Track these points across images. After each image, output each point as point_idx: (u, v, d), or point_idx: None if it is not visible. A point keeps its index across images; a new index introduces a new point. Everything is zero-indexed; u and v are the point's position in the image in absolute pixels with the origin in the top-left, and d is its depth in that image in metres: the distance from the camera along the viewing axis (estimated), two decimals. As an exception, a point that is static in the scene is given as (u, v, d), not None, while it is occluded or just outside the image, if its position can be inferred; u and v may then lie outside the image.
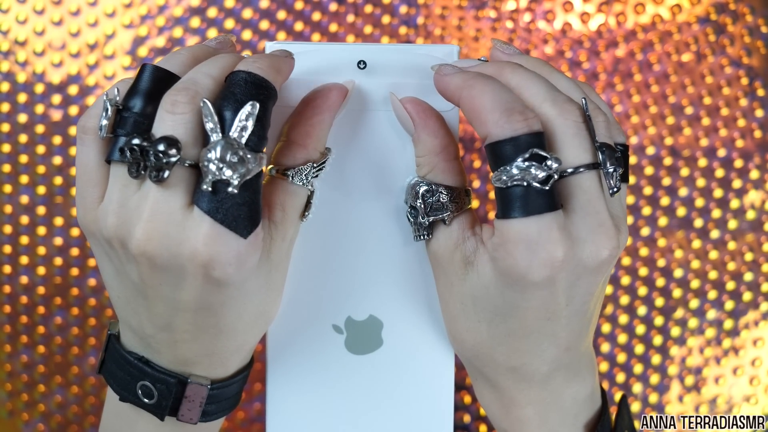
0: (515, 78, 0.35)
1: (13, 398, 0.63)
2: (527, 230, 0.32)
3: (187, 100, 0.32)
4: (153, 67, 0.34)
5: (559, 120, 0.33)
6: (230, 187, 0.31)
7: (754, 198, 0.63)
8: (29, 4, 0.62)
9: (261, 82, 0.33)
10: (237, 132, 0.32)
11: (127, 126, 0.33)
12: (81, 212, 0.34)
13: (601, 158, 0.33)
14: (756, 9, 0.63)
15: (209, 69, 0.34)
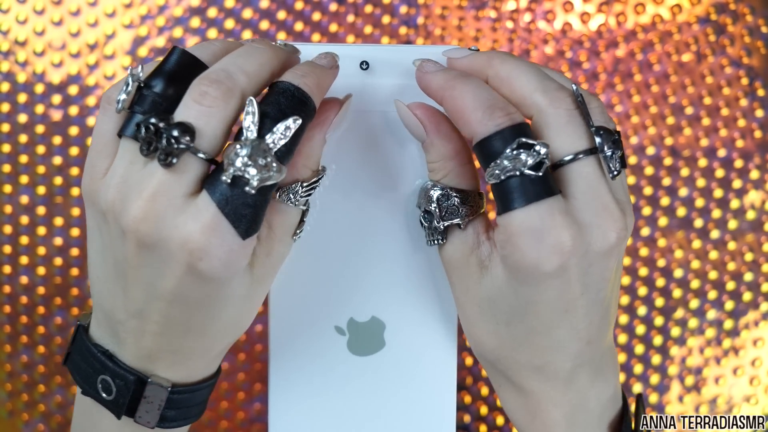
0: (505, 68, 0.35)
1: (13, 398, 0.63)
2: (530, 219, 0.32)
3: (218, 95, 0.32)
4: (182, 51, 0.34)
5: (550, 109, 0.33)
6: (248, 186, 0.31)
7: (754, 198, 0.63)
8: (29, 4, 0.62)
9: (306, 100, 0.33)
10: (272, 139, 0.32)
11: (145, 104, 0.33)
12: (87, 180, 0.34)
13: (599, 142, 0.33)
14: (756, 9, 0.63)
15: (245, 63, 0.33)
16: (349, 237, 0.40)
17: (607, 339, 0.37)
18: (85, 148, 0.62)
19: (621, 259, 0.35)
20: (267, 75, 0.34)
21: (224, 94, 0.32)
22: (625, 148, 0.62)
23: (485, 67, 0.36)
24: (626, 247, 0.62)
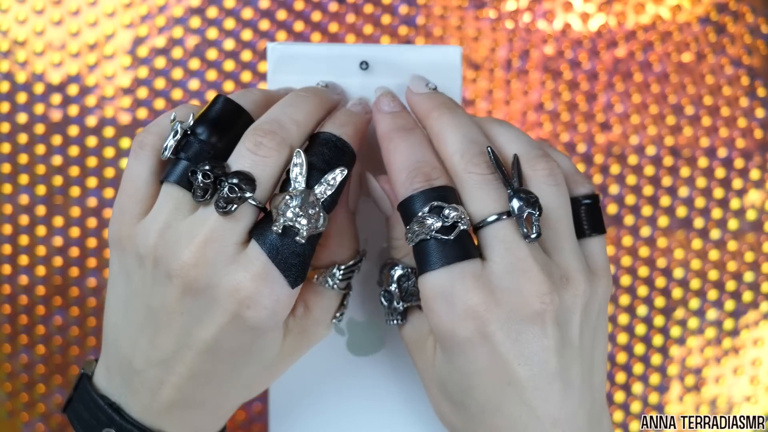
0: (437, 124, 0.35)
1: (13, 398, 0.63)
2: (440, 282, 0.32)
3: (272, 146, 0.32)
4: (226, 99, 0.34)
5: (464, 174, 0.33)
6: (298, 236, 0.32)
7: (755, 198, 0.63)
8: (29, 4, 0.62)
9: (347, 150, 0.34)
10: (320, 189, 0.33)
11: (190, 151, 0.33)
12: (116, 226, 0.34)
13: (516, 206, 0.32)
14: (756, 9, 0.63)
15: (294, 113, 0.34)
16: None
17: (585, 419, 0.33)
18: (85, 148, 0.62)
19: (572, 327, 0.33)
20: (314, 123, 0.35)
21: (278, 145, 0.32)
22: (626, 149, 0.62)
23: (425, 117, 0.36)
24: (627, 247, 0.62)
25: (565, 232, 0.34)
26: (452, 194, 0.33)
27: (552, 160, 0.34)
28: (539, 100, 0.62)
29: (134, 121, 0.62)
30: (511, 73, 0.62)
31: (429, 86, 0.38)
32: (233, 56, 0.62)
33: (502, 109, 0.62)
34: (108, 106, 0.62)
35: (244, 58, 0.62)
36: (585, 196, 0.35)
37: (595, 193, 0.36)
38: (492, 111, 0.62)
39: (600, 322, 0.34)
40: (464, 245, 0.32)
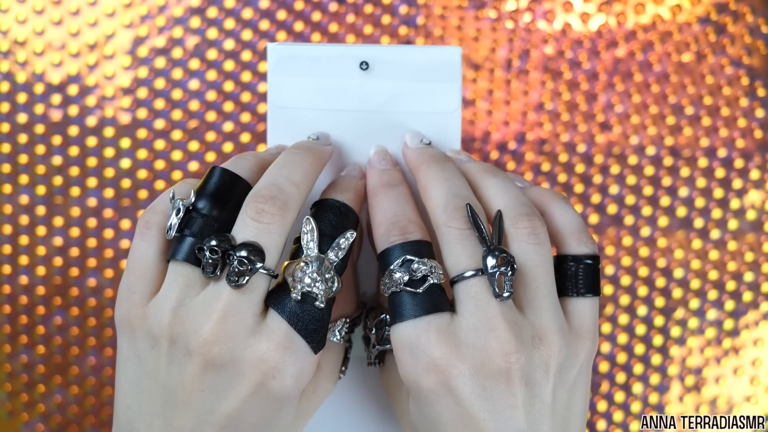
0: (423, 178, 0.36)
1: (13, 398, 0.63)
2: (407, 333, 0.33)
3: (275, 211, 0.33)
4: (222, 170, 0.35)
5: (444, 227, 0.34)
6: (317, 301, 0.32)
7: (755, 198, 0.63)
8: (29, 4, 0.62)
9: (352, 214, 0.35)
10: (333, 254, 0.33)
11: (194, 227, 0.33)
12: (125, 307, 0.34)
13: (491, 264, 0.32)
14: (756, 9, 0.63)
15: (291, 174, 0.34)
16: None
17: None
18: (85, 148, 0.62)
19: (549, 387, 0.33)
20: (312, 181, 0.35)
21: (280, 209, 0.33)
22: (626, 149, 0.62)
23: (416, 170, 0.37)
24: (627, 247, 0.62)
25: (542, 291, 0.34)
26: (426, 248, 0.34)
27: (536, 218, 0.34)
28: (539, 100, 0.62)
29: (134, 121, 0.62)
30: (511, 73, 0.62)
31: (423, 141, 0.39)
32: (233, 56, 0.62)
33: (502, 109, 0.62)
34: (108, 106, 0.62)
35: (244, 58, 0.62)
36: (587, 256, 0.36)
37: (596, 254, 0.36)
38: (492, 111, 0.62)
39: (579, 382, 0.34)
40: (434, 299, 0.33)
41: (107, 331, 0.63)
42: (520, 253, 0.34)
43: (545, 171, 0.62)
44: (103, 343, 0.63)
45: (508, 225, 0.34)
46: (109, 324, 0.63)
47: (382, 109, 0.39)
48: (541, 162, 0.62)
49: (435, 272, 0.33)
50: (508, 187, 0.36)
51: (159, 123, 0.62)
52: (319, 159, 0.37)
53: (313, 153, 0.36)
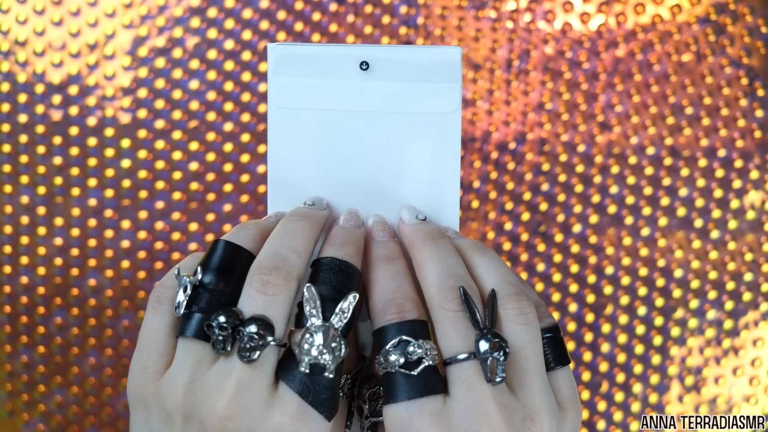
0: (418, 256, 0.36)
1: (13, 398, 0.63)
2: (400, 416, 0.33)
3: (279, 282, 0.33)
4: (225, 243, 0.35)
5: (438, 308, 0.34)
6: (326, 371, 0.32)
7: (754, 198, 0.63)
8: (29, 5, 0.62)
9: (353, 271, 0.35)
10: (337, 320, 0.33)
11: (202, 302, 0.33)
12: (138, 381, 0.34)
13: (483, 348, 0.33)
14: (756, 9, 0.63)
15: (292, 242, 0.34)
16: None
17: None
18: (86, 148, 0.62)
19: None
20: (313, 247, 0.36)
21: (285, 280, 0.33)
22: (626, 149, 0.62)
23: (411, 247, 0.37)
24: (627, 247, 0.62)
25: (532, 371, 0.34)
26: (422, 328, 0.34)
27: (524, 298, 0.35)
28: (539, 100, 0.62)
29: (134, 121, 0.62)
30: (511, 73, 0.62)
31: (419, 217, 0.39)
32: (233, 56, 0.62)
33: (503, 109, 0.62)
34: (108, 106, 0.62)
35: (244, 58, 0.62)
36: (546, 330, 0.36)
37: (555, 326, 0.36)
38: (492, 111, 0.62)
39: None
40: (428, 381, 0.33)
41: (107, 331, 0.63)
42: (509, 333, 0.34)
43: (545, 171, 0.62)
44: (103, 343, 0.63)
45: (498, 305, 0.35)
46: (109, 324, 0.63)
47: (382, 109, 0.39)
48: (542, 162, 0.62)
49: (430, 354, 0.33)
50: (496, 265, 0.36)
51: (159, 123, 0.62)
52: (318, 224, 0.37)
53: (311, 219, 0.37)
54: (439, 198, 0.40)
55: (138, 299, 0.63)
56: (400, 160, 0.40)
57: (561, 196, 0.62)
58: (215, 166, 0.62)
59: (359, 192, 0.40)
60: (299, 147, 0.40)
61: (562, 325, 0.63)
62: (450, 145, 0.40)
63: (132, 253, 0.62)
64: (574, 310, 0.63)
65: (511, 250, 0.63)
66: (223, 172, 0.62)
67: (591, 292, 0.63)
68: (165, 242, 0.62)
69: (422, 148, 0.39)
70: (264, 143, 0.62)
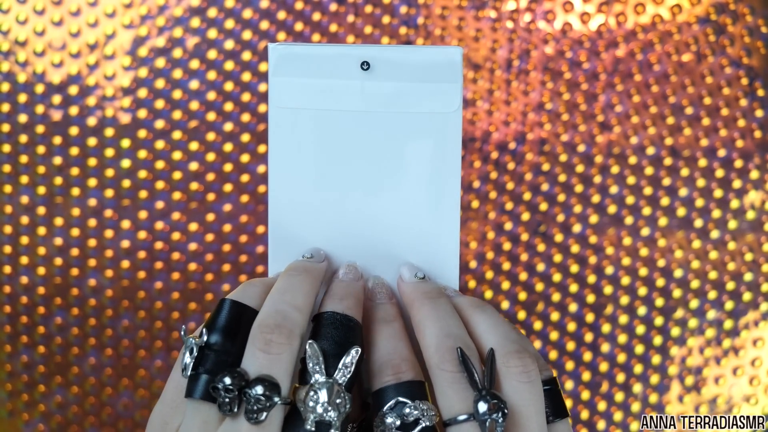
0: (417, 316, 0.36)
1: (13, 398, 0.63)
2: None
3: (282, 340, 0.33)
4: (231, 302, 0.35)
5: (437, 369, 0.34)
6: (332, 428, 0.32)
7: (754, 198, 0.63)
8: (29, 5, 0.62)
9: (354, 324, 0.35)
10: (340, 375, 0.33)
11: (208, 363, 0.33)
12: None
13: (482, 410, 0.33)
14: (756, 9, 0.63)
15: (293, 298, 0.35)
16: (348, 236, 0.40)
17: None
18: (86, 148, 0.62)
19: None
20: (313, 301, 0.36)
21: (287, 338, 0.33)
22: (626, 149, 0.62)
23: (410, 307, 0.37)
24: (626, 247, 0.62)
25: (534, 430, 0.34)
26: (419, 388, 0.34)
27: (527, 355, 0.35)
28: (539, 100, 0.62)
29: (134, 121, 0.62)
30: (511, 73, 0.62)
31: (417, 275, 0.39)
32: (233, 56, 0.62)
33: (503, 108, 0.62)
34: (108, 106, 0.62)
35: (244, 58, 0.62)
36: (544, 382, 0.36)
37: (552, 378, 0.37)
38: (492, 111, 0.62)
39: None
40: None
41: (107, 331, 0.63)
42: (512, 392, 0.34)
43: (545, 171, 0.62)
44: (103, 343, 0.63)
45: (499, 363, 0.35)
46: (109, 324, 0.63)
47: (383, 109, 0.39)
48: (542, 162, 0.62)
49: (427, 415, 0.33)
50: (496, 323, 0.37)
51: (159, 123, 0.62)
52: (317, 278, 0.37)
53: (310, 274, 0.37)
54: (439, 198, 0.40)
55: (138, 299, 0.63)
56: (401, 160, 0.40)
57: (561, 196, 0.62)
58: (215, 166, 0.62)
59: (358, 190, 0.40)
60: (299, 147, 0.40)
61: (562, 325, 0.63)
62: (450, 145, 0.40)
63: (132, 253, 0.62)
64: (574, 310, 0.63)
65: (511, 250, 0.63)
66: (223, 172, 0.62)
67: (591, 292, 0.63)
68: (165, 242, 0.62)
69: (423, 148, 0.39)
70: (264, 143, 0.62)
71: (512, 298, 0.63)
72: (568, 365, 0.63)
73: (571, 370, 0.63)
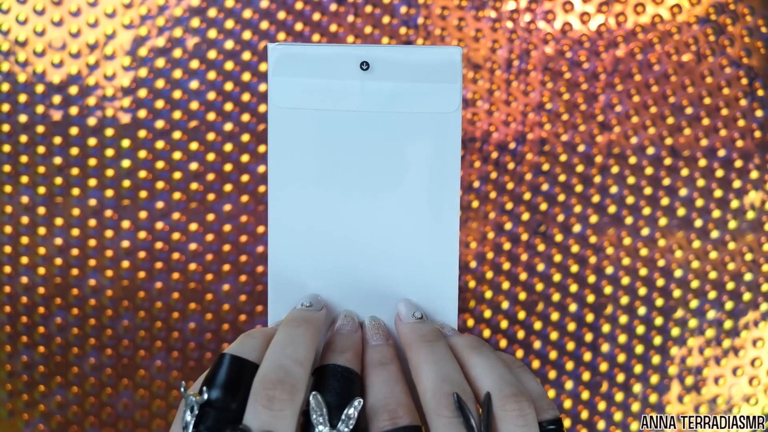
0: (414, 359, 0.37)
1: (13, 398, 0.63)
2: None
3: (285, 396, 0.33)
4: (232, 357, 0.35)
5: (434, 414, 0.34)
6: None
7: (754, 198, 0.63)
8: (29, 5, 0.62)
9: (355, 377, 0.36)
10: (344, 426, 0.34)
11: (209, 420, 0.33)
12: None
13: None
14: (756, 9, 0.63)
15: (294, 352, 0.35)
16: (349, 237, 0.40)
17: None
18: (86, 148, 0.62)
19: None
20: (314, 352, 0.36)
21: (290, 394, 0.33)
22: (626, 149, 0.62)
23: (408, 349, 0.38)
24: (626, 246, 0.62)
25: None
26: None
27: (523, 399, 0.35)
28: (539, 100, 0.62)
29: (134, 121, 0.62)
30: (511, 73, 0.62)
31: (415, 315, 0.39)
32: (233, 56, 0.62)
33: (503, 109, 0.62)
34: (108, 106, 0.62)
35: (244, 58, 0.62)
36: (549, 422, 0.36)
37: (558, 418, 0.37)
38: (492, 111, 0.62)
39: None
40: None
41: (107, 331, 0.63)
42: None
43: (545, 171, 0.62)
44: (103, 343, 0.63)
45: (496, 407, 0.35)
46: (109, 324, 0.63)
47: (382, 109, 0.39)
48: (542, 162, 0.62)
49: None
50: (493, 365, 0.37)
51: (159, 123, 0.62)
52: (318, 329, 0.37)
53: (311, 324, 0.37)
54: (438, 198, 0.40)
55: (138, 299, 0.63)
56: (401, 161, 0.40)
57: (561, 196, 0.62)
58: (215, 166, 0.62)
59: (358, 190, 0.40)
60: (299, 147, 0.40)
61: (562, 325, 0.63)
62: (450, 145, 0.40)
63: (132, 253, 0.62)
64: (574, 310, 0.63)
65: (511, 250, 0.63)
66: (223, 172, 0.62)
67: (591, 292, 0.63)
68: (165, 242, 0.62)
69: (422, 148, 0.39)
70: (264, 143, 0.62)
71: (512, 298, 0.63)
72: (568, 365, 0.63)
73: (571, 370, 0.63)
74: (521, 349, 0.63)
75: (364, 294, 0.41)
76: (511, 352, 0.62)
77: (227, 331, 0.62)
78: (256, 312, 0.62)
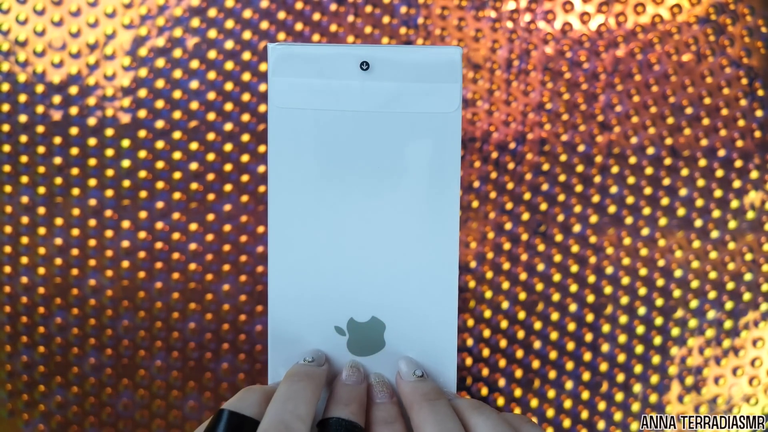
0: (416, 418, 0.37)
1: (13, 398, 0.63)
2: None
3: None
4: (230, 413, 0.35)
5: None
6: None
7: (754, 198, 0.63)
8: (29, 5, 0.62)
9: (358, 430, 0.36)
10: None
11: None
12: None
13: None
14: (756, 9, 0.63)
15: (296, 407, 0.35)
16: (349, 237, 0.40)
17: None
18: (86, 148, 0.62)
19: None
20: (314, 407, 0.36)
21: None
22: (626, 149, 0.62)
23: (409, 408, 0.38)
24: (626, 247, 0.62)
25: None
26: None
27: None
28: (539, 100, 0.62)
29: (134, 121, 0.62)
30: (511, 73, 0.62)
31: (416, 373, 0.40)
32: (233, 56, 0.62)
33: (503, 109, 0.62)
34: (108, 106, 0.62)
35: (244, 58, 0.62)
36: None
37: None
38: (492, 111, 0.62)
39: None
40: None
41: (107, 331, 0.63)
42: None
43: (545, 171, 0.62)
44: (103, 343, 0.63)
45: None
46: (109, 324, 0.63)
47: (382, 109, 0.39)
48: (542, 162, 0.62)
49: None
50: (495, 424, 0.37)
51: (159, 123, 0.62)
52: (319, 384, 0.37)
53: (312, 380, 0.37)
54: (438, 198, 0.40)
55: (138, 299, 0.63)
56: (400, 160, 0.40)
57: (561, 196, 0.62)
58: (215, 166, 0.62)
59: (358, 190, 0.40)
60: (299, 147, 0.40)
61: (562, 325, 0.63)
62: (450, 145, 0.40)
63: (132, 253, 0.62)
64: (574, 310, 0.63)
65: (511, 250, 0.63)
66: (223, 172, 0.62)
67: (591, 292, 0.63)
68: (165, 242, 0.62)
69: (422, 148, 0.39)
70: (264, 143, 0.62)
71: (512, 298, 0.63)
72: (568, 365, 0.63)
73: (571, 370, 0.63)
74: (521, 349, 0.63)
75: (364, 293, 0.41)
76: (511, 352, 0.62)
77: (227, 331, 0.62)
78: (256, 312, 0.62)
